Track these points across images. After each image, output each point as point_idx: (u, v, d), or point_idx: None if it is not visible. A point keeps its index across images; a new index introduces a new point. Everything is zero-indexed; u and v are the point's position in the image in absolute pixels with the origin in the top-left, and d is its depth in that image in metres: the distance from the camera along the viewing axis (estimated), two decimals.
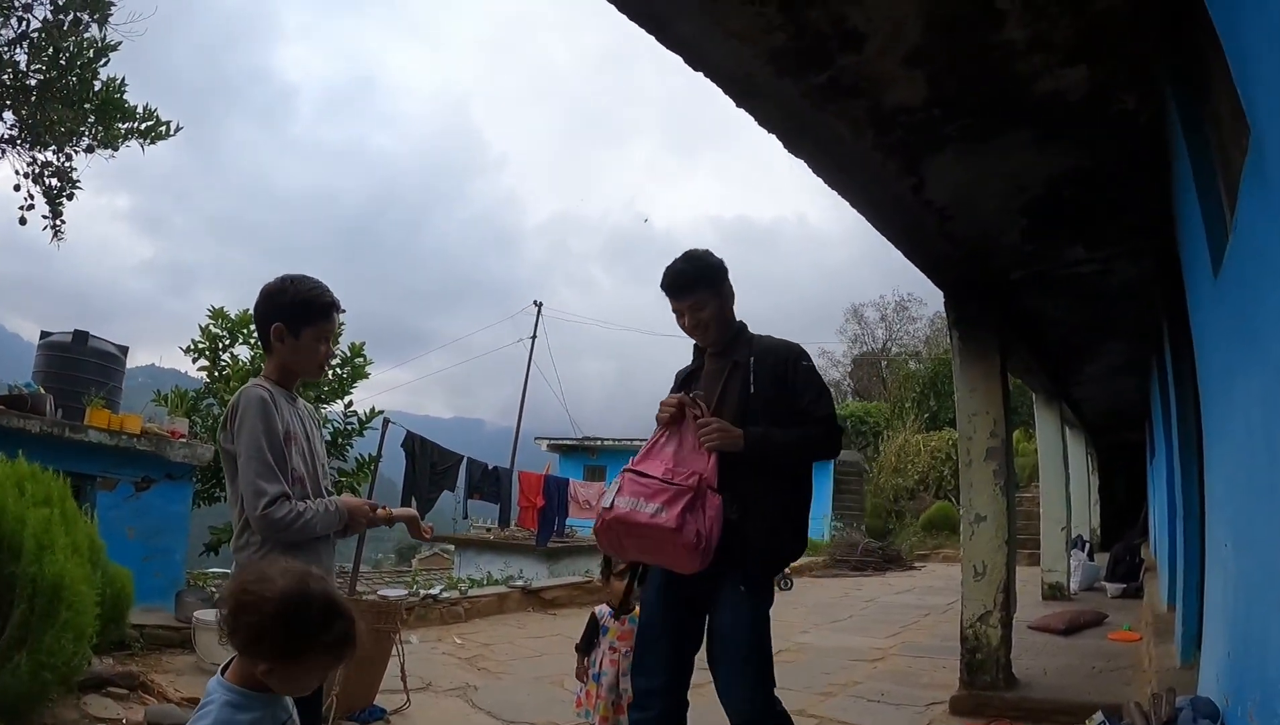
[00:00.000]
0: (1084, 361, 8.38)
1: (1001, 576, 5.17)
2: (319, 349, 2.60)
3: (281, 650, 1.61)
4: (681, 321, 3.05)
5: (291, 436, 2.50)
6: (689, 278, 2.98)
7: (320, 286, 2.63)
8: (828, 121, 3.37)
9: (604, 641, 3.92)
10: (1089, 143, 3.54)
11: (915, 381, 28.68)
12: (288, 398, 2.59)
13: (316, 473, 2.61)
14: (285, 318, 2.55)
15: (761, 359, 2.99)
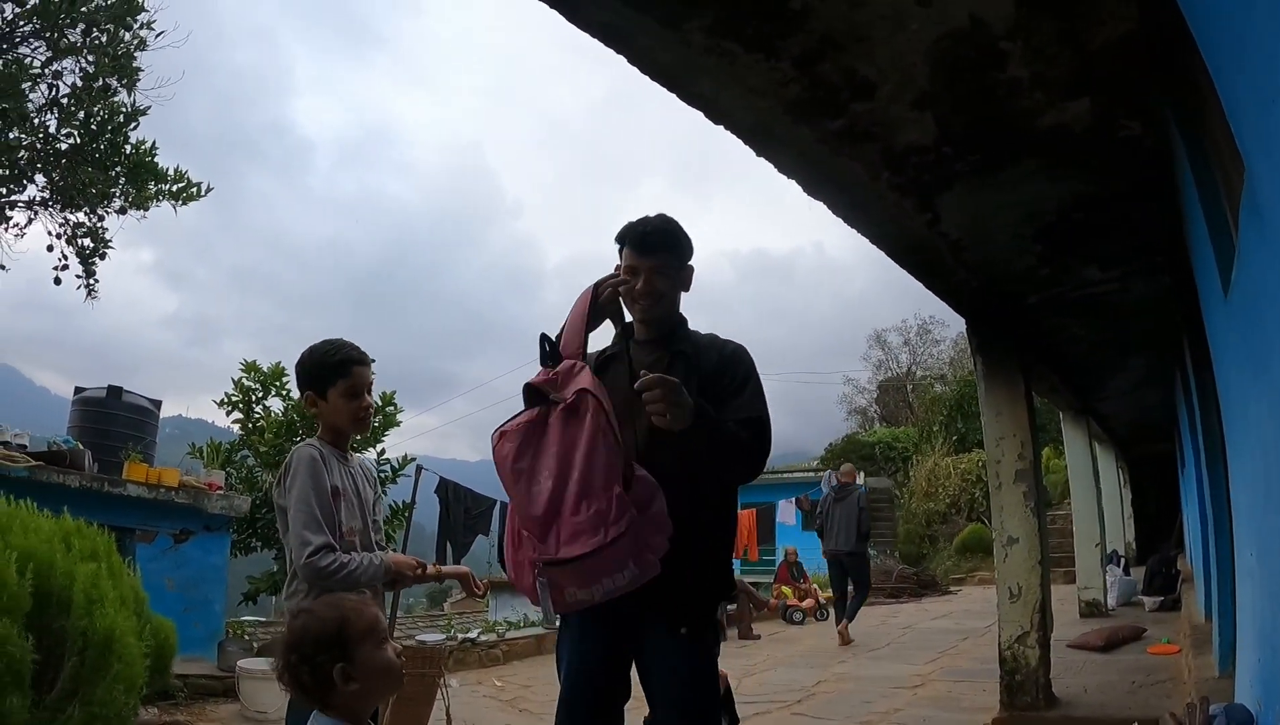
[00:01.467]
0: (1108, 377, 8.46)
1: (1037, 597, 5.27)
2: (350, 405, 2.73)
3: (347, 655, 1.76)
4: (632, 282, 2.60)
5: (341, 493, 2.64)
6: (663, 235, 2.64)
7: (335, 347, 2.76)
8: (844, 165, 3.54)
9: None
10: (1097, 170, 3.69)
11: (942, 404, 28.57)
12: (339, 457, 2.74)
13: (368, 528, 2.75)
14: (311, 385, 2.75)
15: (704, 353, 2.67)
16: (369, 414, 2.83)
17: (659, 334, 2.70)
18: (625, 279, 2.59)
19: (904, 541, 22.27)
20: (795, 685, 7.30)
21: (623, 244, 2.68)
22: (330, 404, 2.73)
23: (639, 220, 2.68)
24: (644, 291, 2.62)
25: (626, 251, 2.65)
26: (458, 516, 9.23)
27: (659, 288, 2.63)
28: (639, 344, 2.70)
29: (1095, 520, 10.34)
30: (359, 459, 2.93)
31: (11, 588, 3.54)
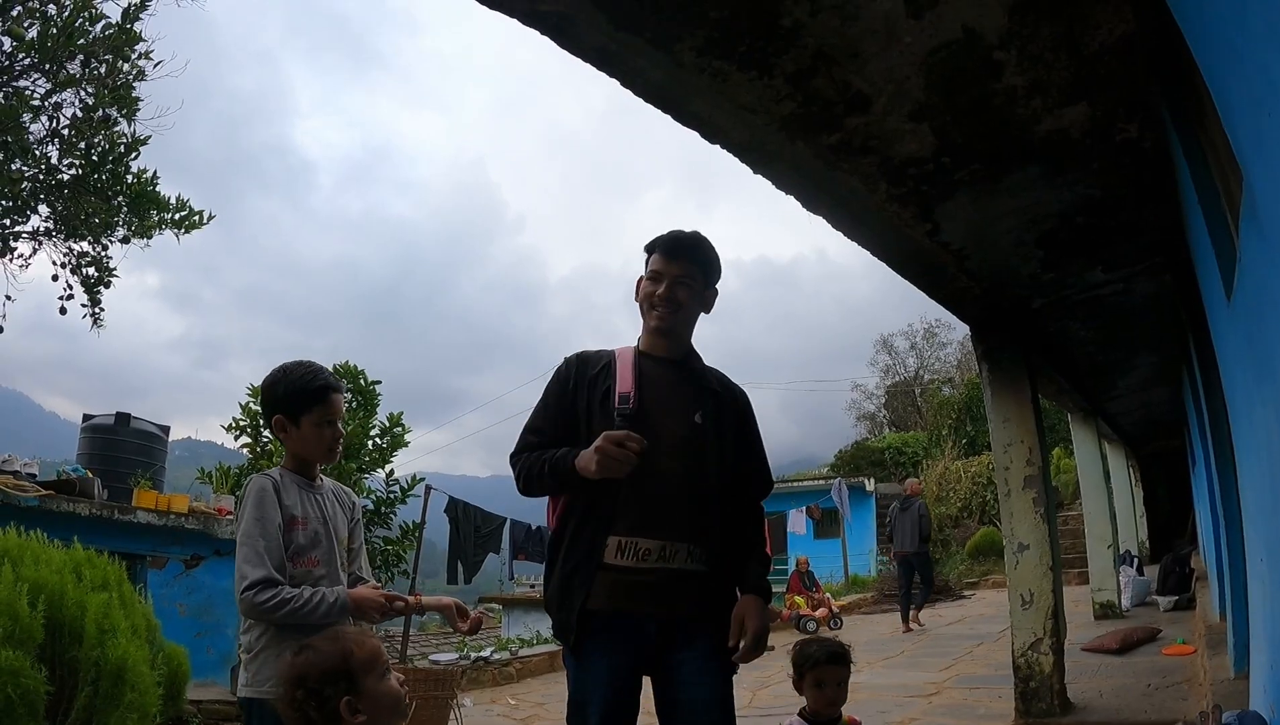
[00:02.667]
0: (1115, 377, 8.45)
1: (1049, 603, 5.25)
2: (322, 434, 2.65)
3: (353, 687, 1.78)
4: (654, 286, 2.56)
5: (299, 522, 2.57)
6: (695, 247, 2.59)
7: (312, 372, 2.68)
8: (841, 179, 3.55)
9: None
10: (1097, 173, 3.69)
11: (950, 408, 28.54)
12: (303, 484, 2.66)
13: (335, 558, 2.65)
14: (282, 409, 2.64)
15: (728, 395, 2.70)
16: (339, 444, 2.74)
17: (675, 356, 2.64)
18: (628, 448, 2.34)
19: None
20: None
21: (651, 251, 2.62)
22: (301, 431, 2.64)
23: (673, 230, 2.63)
24: (664, 297, 2.55)
25: (655, 257, 2.59)
26: (468, 535, 9.29)
27: (680, 297, 2.56)
28: (654, 361, 2.63)
29: (1107, 521, 10.30)
30: (330, 485, 2.85)
31: (24, 620, 3.56)
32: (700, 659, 2.44)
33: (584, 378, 2.62)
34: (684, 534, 2.45)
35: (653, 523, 2.44)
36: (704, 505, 2.49)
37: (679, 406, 2.57)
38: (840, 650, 2.99)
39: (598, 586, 2.42)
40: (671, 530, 2.44)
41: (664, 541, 2.43)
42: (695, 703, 2.43)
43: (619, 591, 2.42)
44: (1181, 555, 10.95)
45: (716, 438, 2.56)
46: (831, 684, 2.93)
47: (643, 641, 2.43)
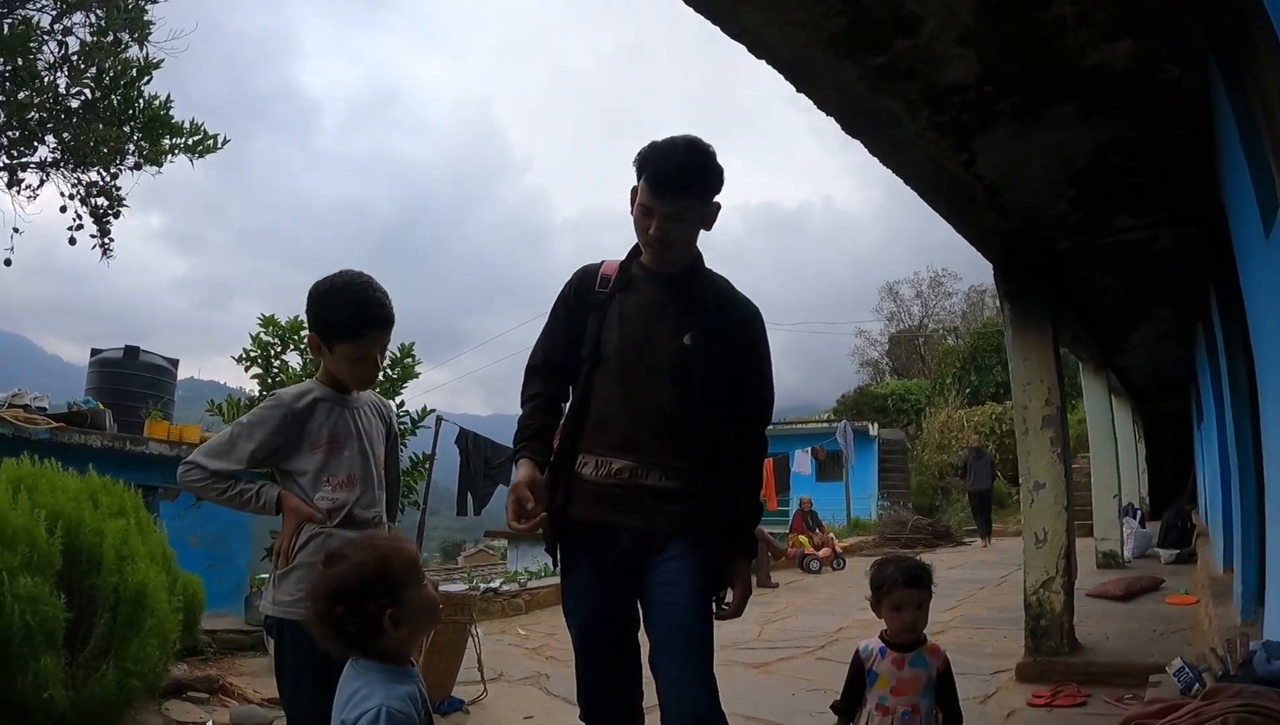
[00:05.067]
0: (1131, 329, 8.49)
1: (1063, 543, 5.34)
2: (354, 366, 2.57)
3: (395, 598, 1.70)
4: (644, 221, 2.41)
5: (326, 442, 2.54)
6: (688, 178, 2.38)
7: (354, 302, 2.53)
8: (884, 103, 3.54)
9: (871, 695, 2.76)
10: (1134, 113, 3.69)
11: (955, 357, 28.68)
12: (337, 400, 2.59)
13: (370, 473, 2.62)
14: (317, 329, 2.56)
15: (724, 314, 2.52)
16: (372, 381, 2.69)
17: (674, 271, 2.52)
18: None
19: (917, 493, 22.48)
20: (817, 631, 7.44)
21: (640, 172, 2.42)
22: (334, 357, 2.55)
23: (663, 150, 2.39)
24: (657, 239, 2.42)
25: (643, 187, 2.40)
26: (478, 467, 9.34)
27: (674, 236, 2.42)
28: (652, 276, 2.53)
29: (1113, 472, 10.43)
30: (368, 397, 2.76)
31: (42, 546, 3.49)
32: (673, 561, 2.40)
33: (583, 301, 2.56)
34: (662, 458, 2.41)
35: (630, 444, 2.41)
36: (688, 431, 2.42)
37: (668, 327, 2.47)
38: (919, 572, 2.77)
39: (575, 496, 2.44)
40: (649, 453, 2.41)
41: (639, 463, 2.40)
42: (664, 602, 2.40)
43: (593, 501, 2.43)
44: (1183, 511, 11.13)
45: (705, 361, 2.44)
46: (910, 607, 2.71)
47: (620, 553, 2.42)
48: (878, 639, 2.77)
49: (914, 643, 2.73)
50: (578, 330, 2.53)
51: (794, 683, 5.50)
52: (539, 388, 2.60)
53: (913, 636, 2.72)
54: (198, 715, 4.49)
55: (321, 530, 2.48)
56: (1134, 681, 4.29)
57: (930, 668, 2.70)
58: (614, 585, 2.46)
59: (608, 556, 2.44)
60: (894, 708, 2.66)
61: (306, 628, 2.29)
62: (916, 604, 2.69)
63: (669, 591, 2.39)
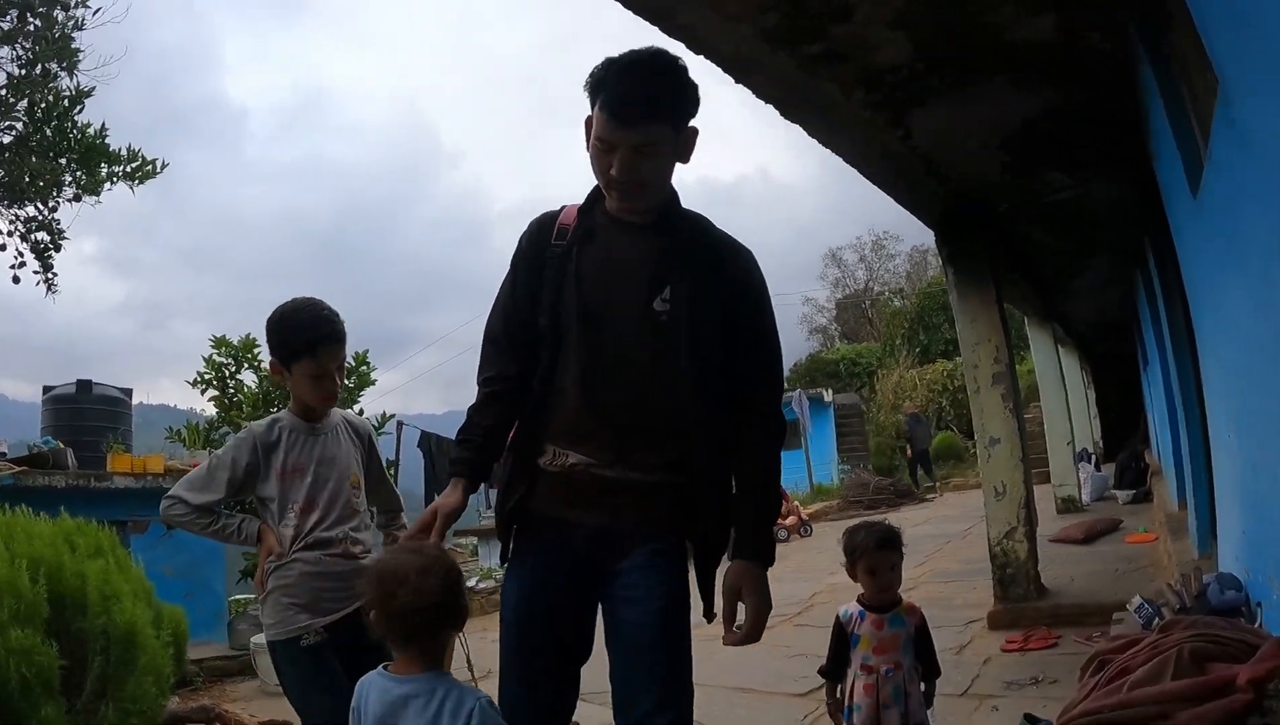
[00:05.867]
0: (1072, 280, 8.78)
1: (1021, 493, 5.57)
2: (313, 384, 2.69)
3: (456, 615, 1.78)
4: (604, 158, 1.92)
5: (292, 472, 2.69)
6: (657, 97, 1.88)
7: (307, 321, 2.68)
8: (821, 86, 3.65)
9: (855, 657, 2.88)
10: (1062, 82, 3.85)
11: (903, 318, 29.12)
12: (307, 429, 2.75)
13: (341, 497, 2.75)
14: (276, 354, 2.71)
15: (710, 264, 2.03)
16: (333, 397, 2.78)
17: (644, 220, 2.04)
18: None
19: (876, 454, 22.79)
20: (793, 599, 7.59)
21: (594, 97, 1.91)
22: (294, 378, 2.69)
23: (622, 66, 1.89)
24: (620, 180, 1.92)
25: (600, 115, 1.89)
26: (443, 467, 9.36)
27: (643, 174, 1.92)
28: (618, 224, 2.05)
29: (1065, 419, 10.79)
30: (341, 417, 2.91)
31: (27, 596, 3.42)
32: (639, 568, 1.97)
33: (539, 255, 2.10)
34: (623, 448, 1.99)
35: (587, 434, 2.00)
36: (671, 415, 1.99)
37: (635, 288, 2.00)
38: (890, 534, 2.89)
39: (535, 488, 2.06)
40: (612, 446, 1.99)
41: (596, 458, 1.99)
42: (626, 624, 1.97)
43: (549, 496, 2.05)
44: (1137, 452, 11.53)
45: (690, 325, 1.97)
46: (884, 570, 2.84)
47: (574, 553, 2.01)
48: (856, 603, 2.89)
49: (890, 603, 2.86)
50: (537, 290, 2.07)
51: (775, 650, 5.62)
52: (494, 368, 2.13)
53: (889, 597, 2.86)
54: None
55: (284, 558, 2.65)
56: (1101, 620, 4.49)
57: (908, 626, 2.85)
58: (556, 586, 2.02)
59: (564, 556, 2.02)
60: (877, 667, 2.78)
61: (298, 645, 2.59)
62: (889, 566, 2.83)
63: (635, 610, 1.96)
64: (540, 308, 2.04)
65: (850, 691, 2.83)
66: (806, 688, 4.67)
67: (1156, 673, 1.53)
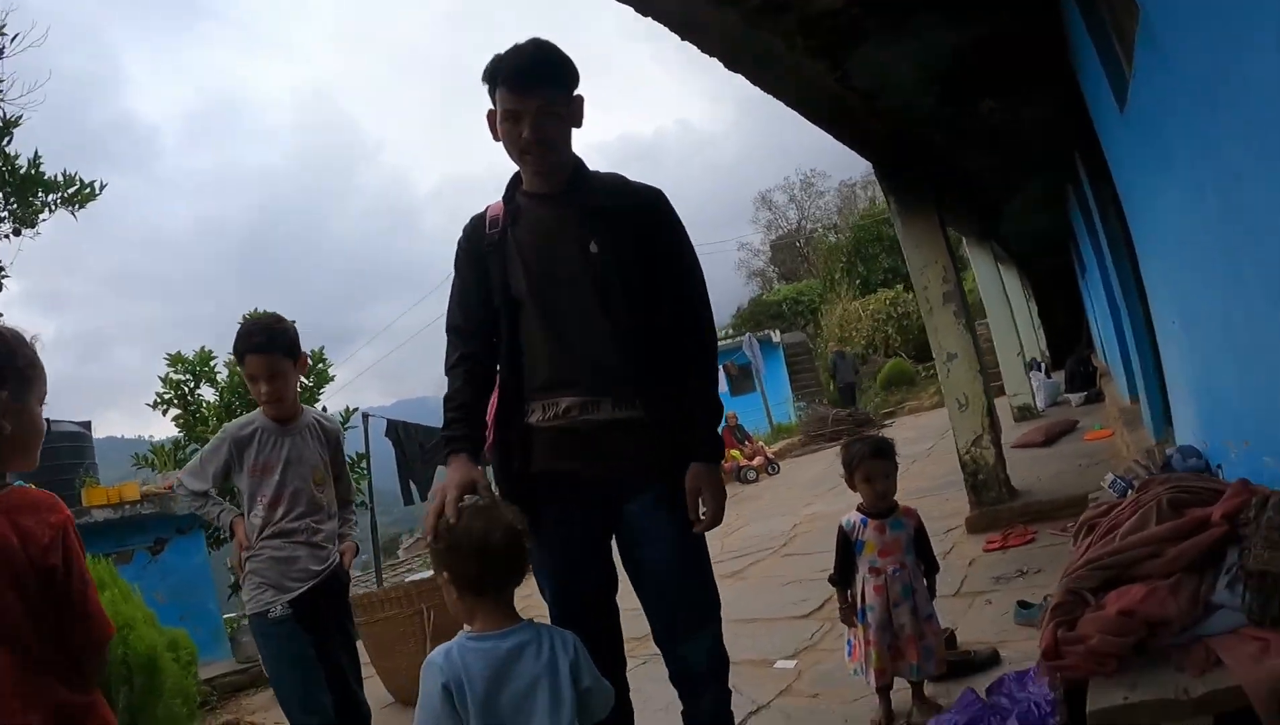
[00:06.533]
0: (1006, 199, 9.19)
1: (983, 402, 5.97)
2: (252, 387, 3.18)
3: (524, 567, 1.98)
4: (514, 129, 2.24)
5: (260, 468, 3.14)
6: (546, 66, 2.25)
7: (242, 332, 3.15)
8: (763, 38, 3.86)
9: (862, 562, 3.16)
10: (989, 15, 4.11)
11: (839, 252, 29.65)
12: (277, 430, 3.19)
13: (305, 490, 3.19)
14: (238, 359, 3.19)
15: (622, 209, 2.34)
16: (273, 402, 3.16)
17: (556, 188, 2.35)
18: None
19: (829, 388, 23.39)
20: (775, 532, 8.01)
21: (493, 83, 2.27)
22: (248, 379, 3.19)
23: (510, 52, 2.24)
24: (533, 140, 2.23)
25: (502, 93, 2.24)
26: (413, 453, 9.46)
27: (550, 134, 2.26)
28: (538, 199, 2.36)
29: (1012, 332, 11.31)
30: (313, 418, 3.35)
31: None
32: (647, 511, 2.28)
33: (478, 250, 2.41)
34: (604, 382, 2.26)
35: (568, 376, 2.27)
36: (621, 345, 2.27)
37: (570, 242, 2.31)
38: (884, 444, 3.20)
39: (533, 450, 2.30)
40: (589, 381, 2.26)
41: (584, 396, 2.26)
42: (653, 564, 2.30)
43: (549, 451, 2.30)
44: (1083, 356, 12.12)
45: (619, 265, 2.28)
46: (880, 477, 3.13)
47: (588, 501, 2.29)
48: (856, 512, 3.19)
49: (889, 509, 3.15)
50: (484, 277, 2.38)
51: (769, 582, 5.99)
52: (461, 350, 2.39)
53: (886, 503, 3.15)
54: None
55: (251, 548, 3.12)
56: (1073, 511, 4.82)
57: (907, 528, 3.18)
58: (579, 537, 2.32)
59: (576, 509, 2.30)
60: (884, 568, 3.08)
61: (266, 618, 3.06)
62: (885, 474, 3.14)
63: (654, 551, 2.30)
64: (493, 288, 2.34)
65: (861, 594, 3.11)
66: (807, 609, 5.02)
67: (1142, 522, 1.84)
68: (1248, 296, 1.90)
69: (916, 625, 3.06)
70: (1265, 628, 1.50)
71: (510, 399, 2.33)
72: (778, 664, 4.19)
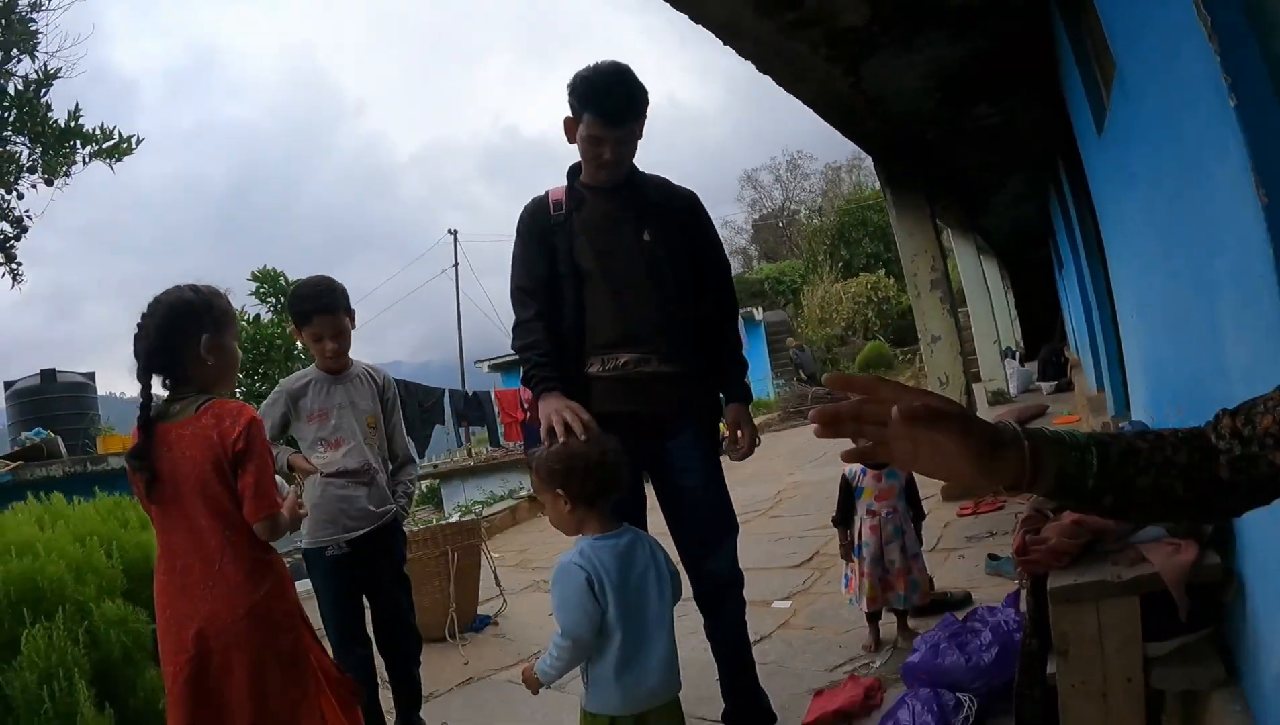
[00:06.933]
0: (992, 194, 9.75)
1: (962, 382, 6.58)
2: (315, 346, 3.37)
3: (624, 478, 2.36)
4: (598, 150, 2.73)
5: (316, 415, 3.37)
6: (632, 103, 2.72)
7: (306, 293, 3.36)
8: (793, 46, 4.36)
9: (860, 505, 3.74)
10: (991, 34, 4.60)
11: (823, 235, 30.13)
12: (329, 380, 3.43)
13: (357, 434, 3.41)
14: (293, 321, 3.43)
15: (669, 206, 2.92)
16: (335, 358, 3.41)
17: (617, 184, 2.85)
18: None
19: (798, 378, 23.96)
20: (761, 497, 8.56)
21: (584, 108, 2.69)
22: (305, 339, 3.40)
23: (601, 80, 2.68)
24: (611, 161, 2.74)
25: (591, 120, 2.68)
26: (413, 411, 9.99)
27: (626, 156, 2.78)
28: (598, 191, 2.86)
29: (990, 320, 11.95)
30: (364, 368, 3.56)
31: (105, 570, 3.48)
32: (686, 447, 2.86)
33: (543, 226, 2.87)
34: (655, 344, 2.78)
35: (627, 339, 2.78)
36: (669, 315, 2.81)
37: (628, 230, 2.83)
38: None
39: (592, 395, 2.76)
40: (643, 342, 2.78)
41: (638, 353, 2.78)
42: (690, 489, 2.87)
43: (607, 396, 2.78)
44: (1056, 348, 12.76)
45: (668, 252, 2.82)
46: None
47: (636, 438, 2.68)
48: (857, 463, 3.72)
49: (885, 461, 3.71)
50: (550, 250, 2.84)
51: (761, 537, 6.52)
52: (535, 307, 2.84)
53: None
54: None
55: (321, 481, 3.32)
56: None
57: (900, 478, 3.77)
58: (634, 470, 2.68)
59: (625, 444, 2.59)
60: (879, 511, 3.64)
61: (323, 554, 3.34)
62: None
63: (693, 478, 2.87)
64: (559, 259, 2.83)
65: (859, 533, 3.68)
66: (798, 561, 5.59)
67: None
68: (1181, 289, 2.40)
69: (905, 561, 3.64)
70: (1178, 538, 2.08)
71: (573, 352, 2.82)
72: (775, 604, 4.73)
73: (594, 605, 2.22)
